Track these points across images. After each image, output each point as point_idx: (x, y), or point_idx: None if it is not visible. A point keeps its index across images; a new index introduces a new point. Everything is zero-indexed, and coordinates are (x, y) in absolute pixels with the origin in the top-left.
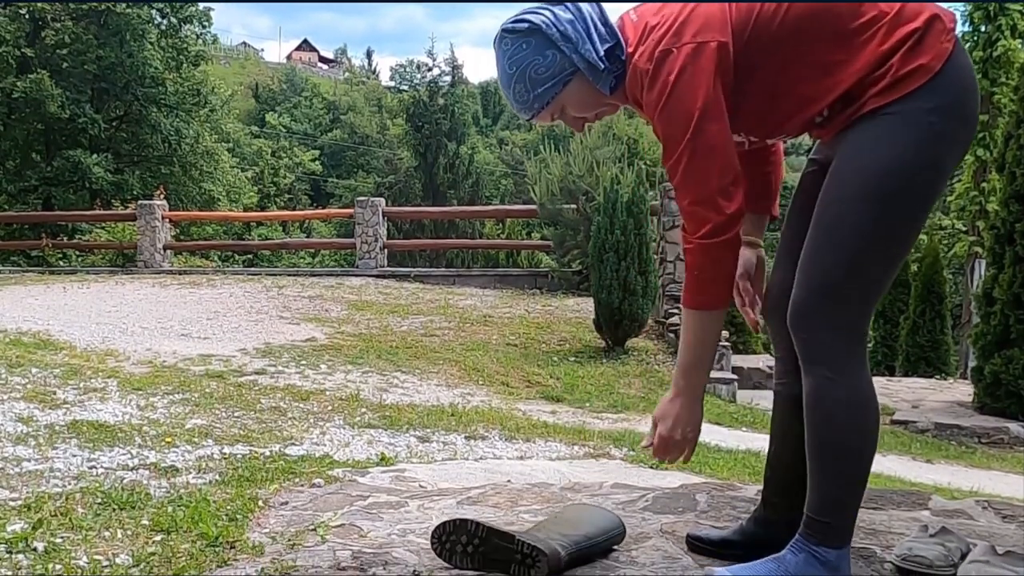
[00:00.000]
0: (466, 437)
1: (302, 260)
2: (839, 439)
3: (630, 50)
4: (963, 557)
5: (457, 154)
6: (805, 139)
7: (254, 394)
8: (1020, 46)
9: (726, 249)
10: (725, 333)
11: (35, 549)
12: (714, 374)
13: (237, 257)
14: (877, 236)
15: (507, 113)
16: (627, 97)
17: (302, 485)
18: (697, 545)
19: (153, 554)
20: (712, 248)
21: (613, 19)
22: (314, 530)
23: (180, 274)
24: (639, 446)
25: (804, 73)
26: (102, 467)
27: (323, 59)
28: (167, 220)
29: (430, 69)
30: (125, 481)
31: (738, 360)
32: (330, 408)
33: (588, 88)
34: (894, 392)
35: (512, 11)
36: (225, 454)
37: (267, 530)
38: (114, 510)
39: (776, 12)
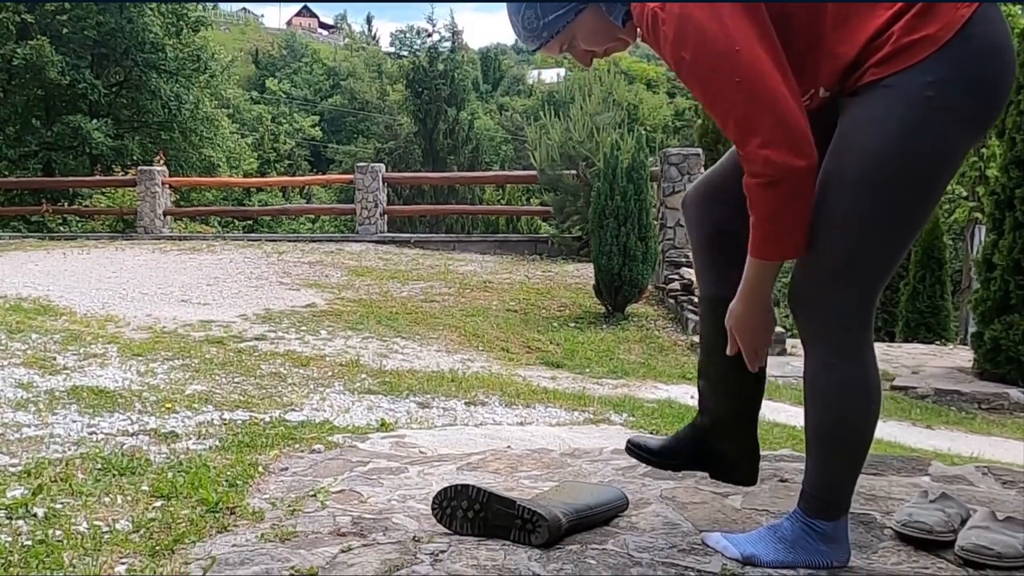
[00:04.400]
0: (466, 403)
1: (302, 226)
2: (838, 421)
3: None
4: (963, 523)
5: (457, 120)
6: None
7: (254, 360)
8: (1020, 12)
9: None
10: None
11: (35, 515)
12: None
13: (237, 223)
14: (877, 221)
15: (507, 79)
16: (637, 34)
17: (302, 451)
18: (636, 452)
19: (153, 520)
20: (791, 188)
21: None
22: (314, 496)
23: (180, 240)
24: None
25: (816, 26)
26: (102, 433)
27: (323, 25)
28: (167, 186)
29: (430, 35)
30: (125, 447)
31: None
32: (330, 374)
33: (601, 19)
34: (894, 358)
35: None
36: (225, 420)
37: (267, 496)
38: (114, 476)
39: None
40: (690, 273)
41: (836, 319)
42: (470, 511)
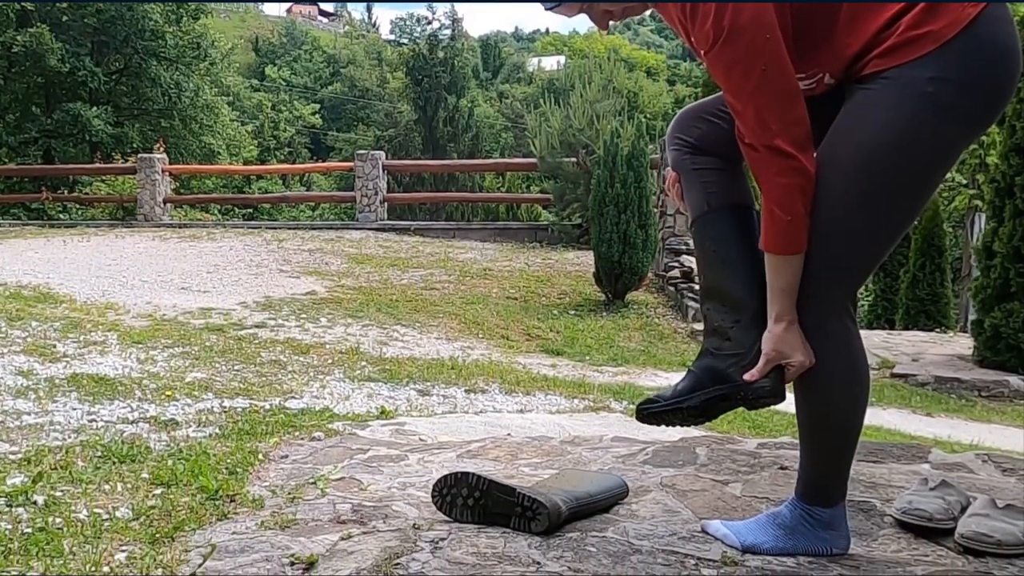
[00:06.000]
0: (466, 390)
1: (302, 213)
2: (826, 407)
3: None
4: (963, 510)
5: (457, 107)
6: None
7: (254, 347)
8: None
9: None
10: None
11: (35, 502)
12: None
13: (237, 210)
14: (865, 211)
15: (507, 66)
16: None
17: (302, 438)
18: (649, 410)
19: (153, 507)
20: (806, 180)
21: None
22: (314, 483)
23: (180, 227)
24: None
25: (832, 17)
26: (102, 420)
27: (323, 12)
28: (167, 173)
29: (430, 22)
30: (125, 435)
31: None
32: (330, 361)
33: None
34: (894, 345)
35: None
36: (225, 407)
37: (267, 483)
38: (114, 463)
39: None
40: (690, 261)
41: (819, 306)
42: (470, 499)
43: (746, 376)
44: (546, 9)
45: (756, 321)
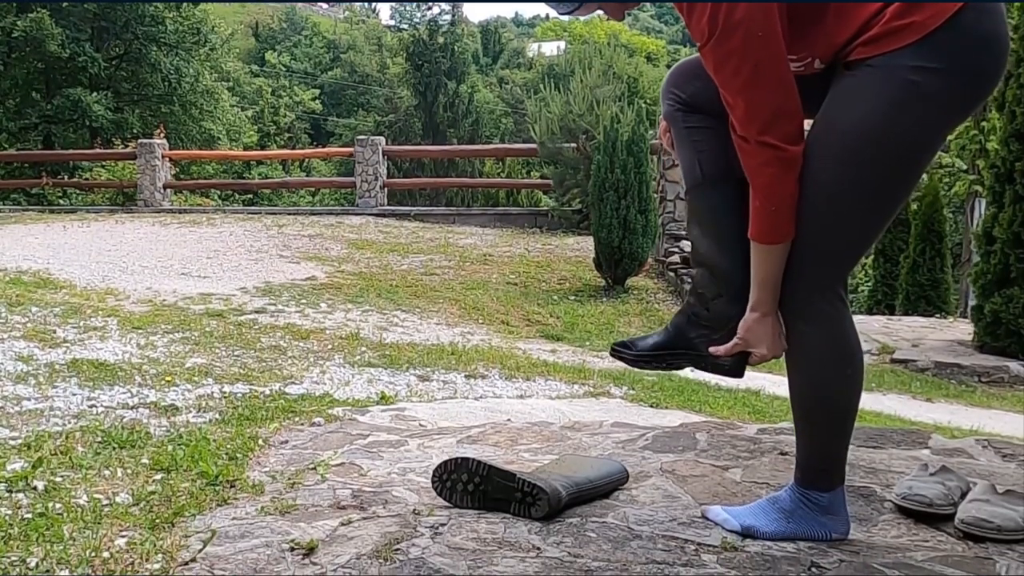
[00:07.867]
0: (466, 376)
1: (302, 199)
2: (817, 389)
3: None
4: (963, 496)
5: (457, 93)
6: None
7: (254, 333)
8: None
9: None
10: None
11: (35, 488)
12: None
13: (237, 196)
14: (851, 198)
15: (507, 52)
16: None
17: (302, 424)
18: (622, 353)
19: (153, 493)
20: (794, 172)
21: None
22: (314, 469)
23: (180, 213)
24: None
25: (822, 6)
26: (102, 406)
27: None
28: (167, 159)
29: (430, 8)
30: (125, 420)
31: None
32: (330, 347)
33: None
34: (894, 331)
35: None
36: (225, 393)
37: (267, 469)
38: (114, 449)
39: None
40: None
41: (809, 290)
42: (470, 484)
43: (712, 350)
44: (561, 13)
45: (738, 298)
